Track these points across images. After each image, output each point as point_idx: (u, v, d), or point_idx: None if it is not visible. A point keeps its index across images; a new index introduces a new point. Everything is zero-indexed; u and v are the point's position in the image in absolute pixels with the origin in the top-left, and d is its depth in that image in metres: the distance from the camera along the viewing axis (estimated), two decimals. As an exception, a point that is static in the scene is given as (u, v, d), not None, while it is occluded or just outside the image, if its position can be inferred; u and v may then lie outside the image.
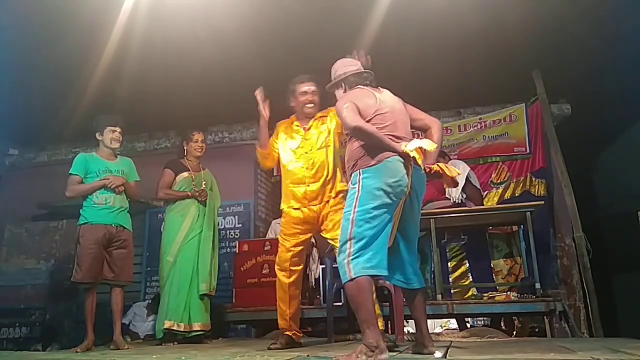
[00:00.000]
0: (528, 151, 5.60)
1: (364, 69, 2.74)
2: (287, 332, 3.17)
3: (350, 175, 2.47)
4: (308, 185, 3.14)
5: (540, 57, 4.93)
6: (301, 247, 3.20)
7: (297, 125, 3.31)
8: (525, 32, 4.41)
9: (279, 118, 3.50)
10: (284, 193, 3.26)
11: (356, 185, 2.37)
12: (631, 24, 4.24)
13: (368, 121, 2.42)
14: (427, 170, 2.48)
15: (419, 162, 2.35)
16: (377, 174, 2.33)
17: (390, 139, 2.38)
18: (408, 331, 5.49)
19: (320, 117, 3.33)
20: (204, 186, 4.08)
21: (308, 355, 2.55)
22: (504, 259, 4.87)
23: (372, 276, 2.29)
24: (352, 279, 2.22)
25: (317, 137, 3.24)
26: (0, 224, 6.68)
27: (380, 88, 2.65)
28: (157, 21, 4.06)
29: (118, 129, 3.70)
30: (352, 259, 2.25)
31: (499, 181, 5.56)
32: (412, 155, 2.31)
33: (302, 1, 3.99)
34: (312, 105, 3.28)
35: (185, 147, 4.15)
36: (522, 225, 4.46)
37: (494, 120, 5.72)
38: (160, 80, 4.92)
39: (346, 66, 2.77)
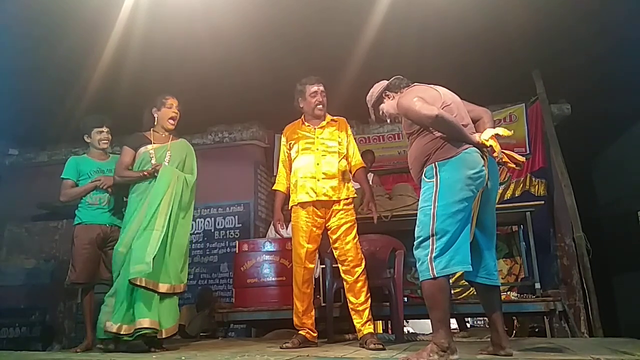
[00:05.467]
0: (528, 151, 5.60)
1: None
2: (301, 332, 3.16)
3: (423, 170, 2.38)
4: (319, 181, 3.16)
5: (540, 57, 4.93)
6: (315, 244, 3.19)
7: (308, 126, 3.33)
8: (526, 32, 4.41)
9: (279, 117, 3.51)
10: (295, 187, 3.25)
11: (433, 179, 2.29)
12: (632, 25, 4.24)
13: None
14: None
15: (497, 151, 2.28)
16: (456, 166, 2.26)
17: None
18: (408, 331, 5.50)
19: (332, 120, 3.35)
20: (168, 160, 3.35)
21: (308, 355, 2.55)
22: (504, 259, 4.88)
23: (453, 274, 2.21)
24: (434, 278, 2.17)
25: (329, 139, 3.26)
26: (0, 224, 6.68)
27: (432, 84, 2.58)
28: (157, 22, 4.06)
29: (105, 129, 3.63)
30: (435, 257, 2.18)
31: (499, 181, 5.57)
32: (489, 145, 2.26)
33: (302, 1, 3.99)
34: (322, 106, 3.29)
35: (155, 115, 3.45)
36: (522, 225, 4.46)
37: (494, 120, 5.72)
38: (160, 80, 4.92)
39: (380, 83, 2.75)
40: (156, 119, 3.45)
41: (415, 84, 2.58)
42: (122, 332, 2.96)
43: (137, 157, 3.37)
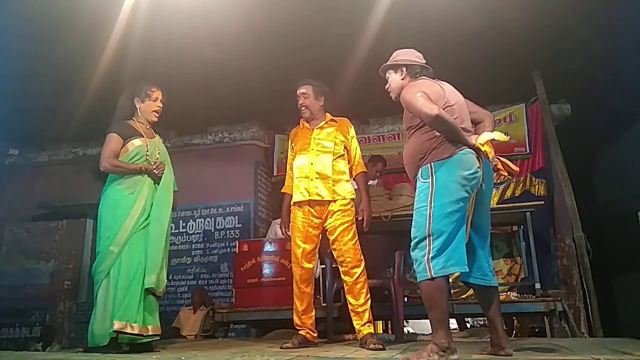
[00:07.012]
0: (528, 151, 5.60)
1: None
2: (301, 332, 3.16)
3: (418, 169, 2.38)
4: (312, 180, 3.16)
5: (540, 57, 4.93)
6: (312, 245, 3.19)
7: (308, 126, 3.34)
8: (526, 32, 4.41)
9: (279, 117, 3.50)
10: (293, 188, 3.28)
11: (429, 180, 2.29)
12: (632, 25, 4.24)
13: None
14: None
15: (490, 156, 2.29)
16: (451, 167, 2.27)
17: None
18: (408, 331, 5.51)
19: (331, 120, 3.35)
20: (157, 156, 3.22)
21: (308, 356, 2.55)
22: (504, 259, 4.88)
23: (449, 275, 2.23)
24: (432, 278, 2.18)
25: (325, 139, 3.26)
26: (0, 224, 6.68)
27: (440, 80, 2.56)
28: (157, 22, 4.05)
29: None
30: (433, 257, 2.19)
31: (498, 181, 5.55)
32: (483, 150, 2.27)
33: (303, 1, 3.99)
34: (304, 108, 3.30)
35: (138, 106, 3.25)
36: (522, 225, 4.46)
37: (495, 123, 5.73)
38: (160, 80, 4.91)
39: (414, 56, 2.69)
40: (138, 109, 3.25)
41: (423, 78, 2.57)
42: (136, 333, 2.85)
43: (128, 147, 3.13)
